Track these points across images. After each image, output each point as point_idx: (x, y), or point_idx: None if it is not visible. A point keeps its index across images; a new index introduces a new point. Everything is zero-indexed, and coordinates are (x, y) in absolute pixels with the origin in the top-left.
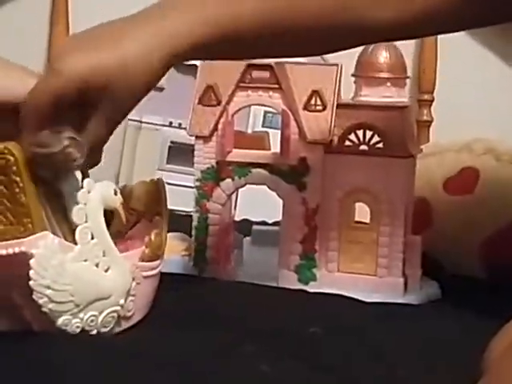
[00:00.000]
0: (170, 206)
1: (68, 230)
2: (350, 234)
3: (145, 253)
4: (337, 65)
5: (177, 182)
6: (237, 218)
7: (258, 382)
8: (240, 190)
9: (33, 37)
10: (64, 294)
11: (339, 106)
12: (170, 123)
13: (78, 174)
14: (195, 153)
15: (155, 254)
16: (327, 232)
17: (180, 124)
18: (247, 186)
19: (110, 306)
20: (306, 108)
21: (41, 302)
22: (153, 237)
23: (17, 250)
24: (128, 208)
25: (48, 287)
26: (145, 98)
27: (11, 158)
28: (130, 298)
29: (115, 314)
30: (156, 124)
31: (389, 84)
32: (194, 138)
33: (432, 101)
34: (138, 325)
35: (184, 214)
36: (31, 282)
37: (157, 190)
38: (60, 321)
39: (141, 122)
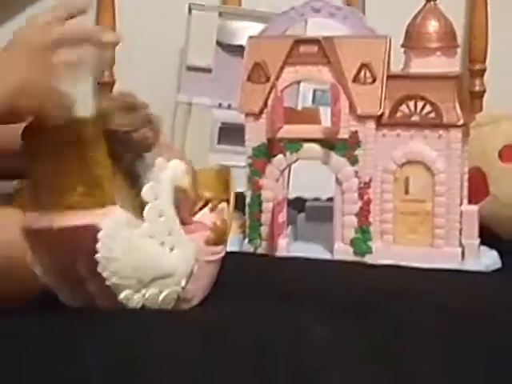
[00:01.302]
0: None
1: (136, 208)
2: (405, 206)
3: (209, 237)
4: (386, 37)
5: (228, 162)
6: (290, 197)
7: (317, 344)
8: (292, 168)
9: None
10: (128, 269)
11: (389, 77)
12: (220, 104)
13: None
14: (246, 130)
15: (220, 239)
16: (381, 204)
17: (230, 105)
18: (299, 164)
19: (172, 285)
20: (355, 81)
21: (105, 275)
22: (219, 222)
23: (86, 221)
24: (196, 191)
25: (114, 260)
26: (194, 80)
27: (89, 131)
28: (192, 280)
29: (175, 295)
30: (206, 105)
31: (439, 54)
32: (244, 116)
33: (484, 70)
34: (203, 303)
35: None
36: (98, 255)
37: (225, 177)
38: (122, 295)
39: (190, 104)
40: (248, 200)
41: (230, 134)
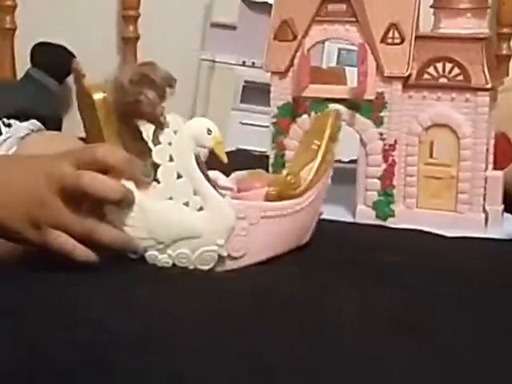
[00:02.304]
0: (243, 146)
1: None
2: (429, 170)
3: (269, 192)
4: None
5: (251, 121)
6: None
7: (339, 309)
8: None
9: None
10: (141, 231)
11: (417, 38)
12: (244, 62)
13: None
14: (271, 89)
15: (284, 193)
16: (406, 168)
17: (253, 63)
18: None
19: (204, 244)
20: (383, 41)
21: None
22: (283, 175)
23: None
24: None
25: (123, 223)
26: (218, 37)
27: (93, 101)
28: (237, 238)
29: (213, 254)
30: (229, 63)
31: (469, 15)
32: (268, 76)
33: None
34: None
35: (258, 153)
36: (108, 218)
37: (324, 121)
38: (146, 255)
39: (214, 61)
40: (271, 160)
41: (254, 92)
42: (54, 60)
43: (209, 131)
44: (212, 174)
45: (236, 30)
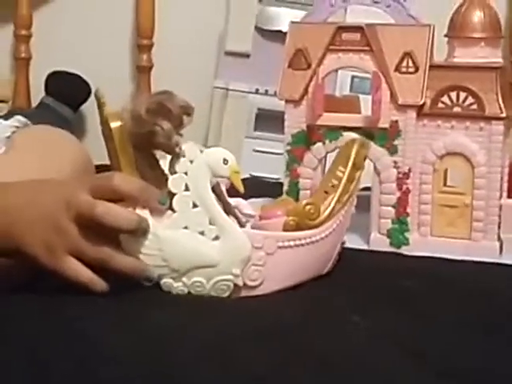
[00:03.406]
0: (257, 173)
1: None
2: (443, 198)
3: (287, 222)
4: (429, 25)
5: (264, 149)
6: None
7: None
8: (328, 157)
9: None
10: (155, 259)
11: (432, 67)
12: (257, 90)
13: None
14: (285, 117)
15: (303, 223)
16: (420, 196)
17: (267, 91)
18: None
19: (219, 274)
20: (397, 70)
21: None
22: (302, 204)
23: None
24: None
25: (138, 251)
26: (231, 65)
27: (110, 129)
28: (254, 267)
29: (229, 283)
30: (243, 91)
31: (483, 44)
32: (282, 103)
33: None
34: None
35: (272, 181)
36: (123, 245)
37: (350, 149)
38: (162, 283)
39: (227, 89)
40: (285, 188)
41: (267, 120)
42: (68, 88)
43: (225, 161)
44: (234, 201)
45: (249, 58)
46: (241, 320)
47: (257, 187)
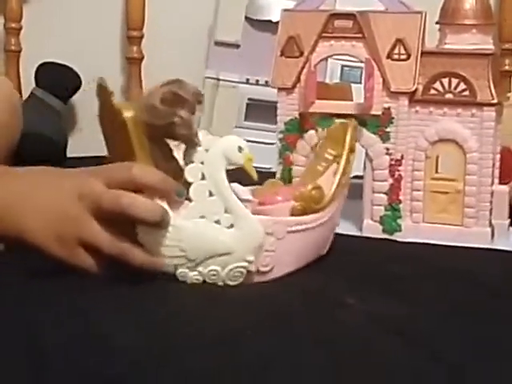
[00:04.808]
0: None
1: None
2: (435, 185)
3: (295, 207)
4: (421, 12)
5: (255, 138)
6: None
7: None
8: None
9: None
10: (173, 249)
11: (423, 54)
12: (247, 80)
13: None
14: (278, 105)
15: (309, 208)
16: (412, 182)
17: (257, 81)
18: None
19: (235, 261)
20: (389, 57)
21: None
22: (308, 189)
23: None
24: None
25: (153, 243)
26: (221, 56)
27: (123, 120)
28: (266, 253)
29: (243, 270)
30: (233, 81)
31: (474, 31)
32: (272, 93)
33: None
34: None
35: (263, 170)
36: (140, 237)
37: (341, 132)
38: (177, 273)
39: (218, 79)
40: (278, 176)
41: (257, 110)
42: (58, 80)
43: (240, 149)
44: (233, 186)
45: (239, 49)
46: (241, 307)
47: (247, 176)
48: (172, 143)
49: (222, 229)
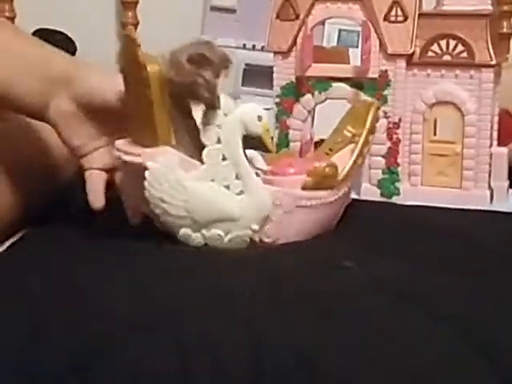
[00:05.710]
0: None
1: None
2: (434, 148)
3: (307, 182)
4: None
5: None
6: (314, 139)
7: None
8: (318, 107)
9: None
10: (179, 209)
11: (421, 16)
12: (244, 45)
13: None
14: (274, 69)
15: (321, 183)
16: (410, 145)
17: (254, 46)
18: (326, 104)
19: (239, 229)
20: (386, 19)
21: (157, 212)
22: (322, 166)
23: (135, 160)
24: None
25: (162, 200)
26: (217, 21)
27: (147, 74)
28: (271, 224)
29: (246, 238)
30: (230, 46)
31: None
32: (269, 58)
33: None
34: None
35: None
36: (145, 193)
37: (364, 112)
38: (180, 233)
39: None
40: (275, 140)
41: (254, 75)
42: (53, 46)
43: (259, 118)
44: (249, 153)
45: (236, 13)
46: (244, 268)
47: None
48: (192, 103)
49: (230, 194)
